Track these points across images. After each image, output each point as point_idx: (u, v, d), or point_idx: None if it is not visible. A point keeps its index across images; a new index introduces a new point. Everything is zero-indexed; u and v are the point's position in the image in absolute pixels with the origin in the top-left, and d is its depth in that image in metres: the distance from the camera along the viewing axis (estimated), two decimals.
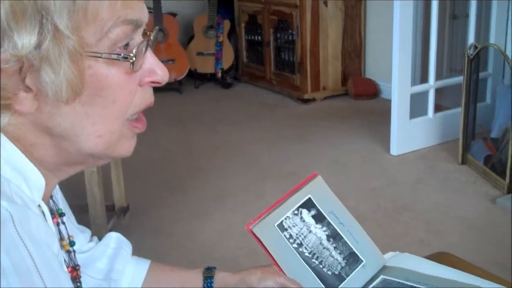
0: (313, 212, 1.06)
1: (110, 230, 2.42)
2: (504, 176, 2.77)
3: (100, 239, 1.01)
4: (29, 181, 0.65)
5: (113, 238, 0.99)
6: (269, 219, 1.02)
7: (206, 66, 4.85)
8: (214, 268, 1.01)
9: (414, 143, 3.32)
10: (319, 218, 1.06)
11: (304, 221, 1.05)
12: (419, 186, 2.92)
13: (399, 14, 3.07)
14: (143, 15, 0.65)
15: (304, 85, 4.31)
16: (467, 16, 3.42)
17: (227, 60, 4.86)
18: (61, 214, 0.79)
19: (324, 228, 1.06)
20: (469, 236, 2.42)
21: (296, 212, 1.05)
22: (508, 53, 3.29)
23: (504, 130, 2.97)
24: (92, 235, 0.99)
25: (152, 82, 0.68)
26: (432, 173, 3.07)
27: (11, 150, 0.64)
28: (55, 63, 0.59)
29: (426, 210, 2.67)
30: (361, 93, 4.36)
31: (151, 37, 0.67)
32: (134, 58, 0.63)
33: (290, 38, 4.39)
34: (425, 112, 3.37)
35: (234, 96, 4.71)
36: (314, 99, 4.34)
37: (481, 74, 3.33)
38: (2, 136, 0.63)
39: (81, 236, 0.93)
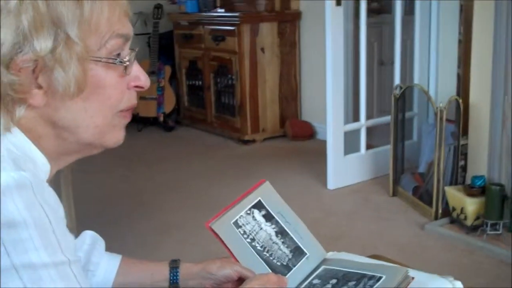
0: (263, 212, 1.22)
1: None
2: (431, 204, 3.01)
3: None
4: (37, 166, 0.79)
5: (88, 235, 1.12)
6: (225, 218, 1.17)
7: (149, 110, 4.99)
8: (179, 260, 1.14)
9: (349, 178, 3.54)
10: (268, 217, 1.22)
11: (255, 219, 1.20)
12: (354, 217, 3.12)
13: (331, 60, 3.33)
14: (130, 31, 0.83)
15: (244, 127, 4.51)
16: (393, 63, 3.72)
17: (169, 104, 5.01)
18: None
19: (273, 226, 1.21)
20: (401, 257, 2.60)
21: (248, 212, 1.20)
22: (431, 93, 3.59)
23: (429, 164, 3.23)
24: None
25: (137, 86, 0.85)
26: (366, 204, 3.29)
27: (22, 138, 0.78)
28: (66, 64, 0.74)
29: (361, 237, 2.87)
30: (298, 134, 4.59)
31: (136, 50, 0.84)
32: (127, 63, 0.80)
33: (230, 82, 4.59)
34: (358, 149, 3.61)
35: (176, 138, 4.86)
36: (254, 140, 4.54)
37: (408, 114, 3.62)
38: (16, 128, 0.77)
39: None
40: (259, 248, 1.17)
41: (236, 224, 1.17)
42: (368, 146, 3.68)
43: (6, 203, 0.66)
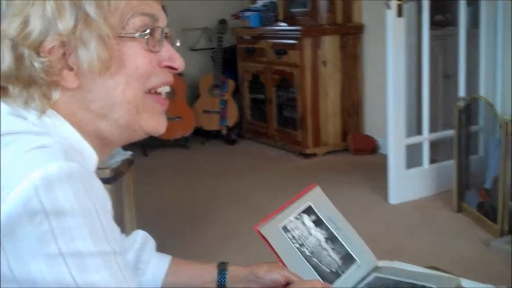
0: (313, 217, 1.21)
1: None
2: (496, 221, 2.91)
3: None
4: (85, 158, 0.82)
5: (140, 234, 1.14)
6: (274, 222, 1.18)
7: (212, 123, 5.06)
8: (227, 262, 1.16)
9: (411, 193, 3.46)
10: (318, 222, 1.21)
11: (305, 224, 1.20)
12: (415, 232, 3.05)
13: (392, 72, 3.28)
14: (159, 12, 0.86)
15: (306, 140, 4.50)
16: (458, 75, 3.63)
17: (232, 117, 5.07)
18: None
19: (323, 232, 1.21)
20: (464, 274, 2.53)
21: (298, 217, 1.20)
22: (498, 106, 3.48)
23: (494, 178, 3.12)
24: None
25: (170, 67, 0.87)
26: (428, 220, 3.21)
27: (67, 128, 0.81)
28: (87, 41, 0.79)
29: (423, 252, 2.80)
30: (360, 148, 4.54)
31: (168, 32, 0.87)
32: (148, 36, 0.83)
33: (291, 95, 4.60)
34: (420, 163, 3.54)
35: (238, 151, 4.90)
36: (315, 154, 4.52)
37: (474, 128, 3.52)
38: (60, 117, 0.81)
39: None
40: (307, 253, 1.16)
41: (285, 228, 1.17)
42: (433, 160, 3.60)
43: (56, 192, 0.69)
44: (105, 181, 2.31)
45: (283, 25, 4.67)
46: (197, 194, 3.77)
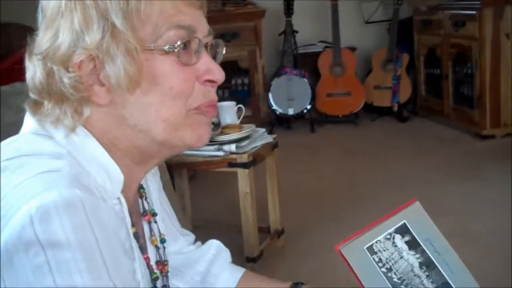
0: (407, 238, 1.06)
1: (263, 251, 2.55)
2: None
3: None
4: (111, 176, 0.78)
5: (214, 245, 1.09)
6: (358, 241, 1.04)
7: (383, 99, 4.86)
8: (302, 283, 1.06)
9: None
10: (413, 244, 1.06)
11: (396, 246, 1.05)
12: None
13: None
14: (196, 23, 0.78)
15: (483, 120, 4.13)
16: None
17: (404, 93, 4.82)
18: (154, 214, 0.91)
19: (418, 255, 1.05)
20: None
21: (388, 236, 1.06)
22: None
23: None
24: (196, 241, 1.10)
25: (209, 80, 0.79)
26: None
27: (95, 147, 0.78)
28: (114, 55, 0.73)
29: None
30: None
31: (208, 42, 0.80)
32: (178, 48, 0.75)
33: (469, 71, 4.23)
34: None
35: (410, 130, 4.65)
36: (493, 136, 4.13)
37: None
38: (89, 135, 0.78)
39: (182, 239, 1.05)
40: (395, 280, 1.02)
41: (370, 249, 1.04)
42: None
43: (51, 223, 0.66)
44: (243, 165, 2.31)
45: None
46: (355, 177, 3.63)
